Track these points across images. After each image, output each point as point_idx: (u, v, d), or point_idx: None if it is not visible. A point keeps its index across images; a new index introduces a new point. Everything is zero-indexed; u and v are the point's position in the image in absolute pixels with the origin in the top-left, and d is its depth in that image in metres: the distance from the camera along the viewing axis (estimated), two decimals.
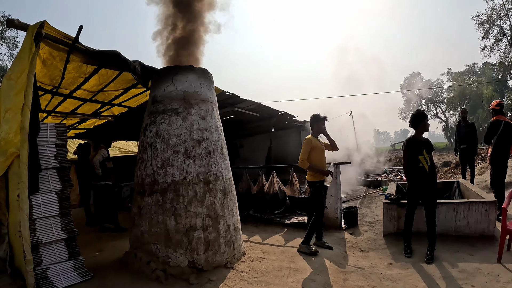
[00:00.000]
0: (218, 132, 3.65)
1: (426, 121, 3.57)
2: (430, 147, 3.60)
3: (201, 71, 3.69)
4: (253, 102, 6.49)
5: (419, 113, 3.62)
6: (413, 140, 3.63)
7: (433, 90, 33.47)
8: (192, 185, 3.31)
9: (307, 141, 3.77)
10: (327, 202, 4.71)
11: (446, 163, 13.80)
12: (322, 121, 3.88)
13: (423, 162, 3.50)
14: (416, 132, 3.64)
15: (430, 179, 3.52)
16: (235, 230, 3.60)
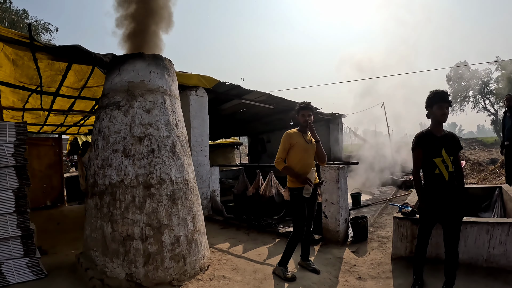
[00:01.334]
0: (170, 127, 3.22)
1: (442, 105, 2.49)
2: (455, 146, 2.57)
3: (152, 57, 3.30)
4: (262, 93, 5.98)
5: (432, 94, 2.57)
6: (426, 136, 2.60)
7: (480, 81, 31.25)
8: (130, 188, 2.98)
9: (284, 137, 3.10)
10: (328, 211, 3.95)
11: (493, 161, 11.85)
12: (303, 111, 3.09)
13: (441, 168, 2.50)
14: (431, 124, 2.62)
15: (451, 192, 2.50)
16: (188, 243, 3.14)
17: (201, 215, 3.44)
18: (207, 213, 5.31)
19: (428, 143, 2.56)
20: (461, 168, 2.60)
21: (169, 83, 3.36)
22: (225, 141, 13.45)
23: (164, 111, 3.22)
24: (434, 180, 2.53)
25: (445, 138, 2.56)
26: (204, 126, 5.26)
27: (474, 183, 7.94)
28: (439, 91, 2.53)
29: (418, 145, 2.59)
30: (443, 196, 2.51)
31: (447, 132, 2.61)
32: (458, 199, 2.53)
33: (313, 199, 3.14)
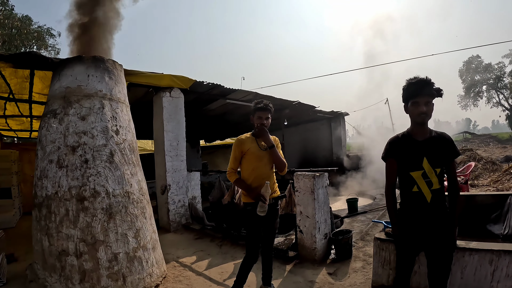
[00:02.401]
0: (108, 134, 3.05)
1: (417, 100, 1.85)
2: (444, 154, 1.89)
3: (92, 60, 3.16)
4: (247, 92, 5.73)
5: (406, 84, 1.94)
6: (402, 141, 1.97)
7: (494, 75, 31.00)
8: (63, 201, 2.88)
9: (235, 143, 2.71)
10: (303, 226, 3.58)
11: (508, 158, 10.68)
12: (260, 113, 2.66)
13: (421, 184, 1.87)
14: (410, 124, 1.98)
15: (435, 217, 1.88)
16: (128, 261, 2.97)
17: (150, 230, 3.25)
18: (185, 221, 5.14)
19: (403, 151, 1.93)
20: (455, 183, 1.91)
21: (110, 86, 3.19)
22: (224, 142, 13.31)
23: (102, 117, 3.06)
24: (411, 201, 1.92)
25: (429, 144, 1.89)
26: (180, 129, 5.07)
27: (487, 184, 7.14)
28: (414, 81, 1.88)
29: (390, 154, 1.98)
30: (423, 223, 1.89)
31: (435, 134, 1.93)
32: (447, 226, 1.88)
33: (272, 215, 2.69)
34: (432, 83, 1.85)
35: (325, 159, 9.04)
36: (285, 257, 3.66)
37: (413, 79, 1.88)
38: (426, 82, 1.84)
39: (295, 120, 8.51)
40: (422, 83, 1.85)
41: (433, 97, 1.87)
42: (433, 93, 1.85)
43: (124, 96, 3.35)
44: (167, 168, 4.90)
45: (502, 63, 32.47)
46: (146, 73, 4.59)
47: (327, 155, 8.86)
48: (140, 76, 4.54)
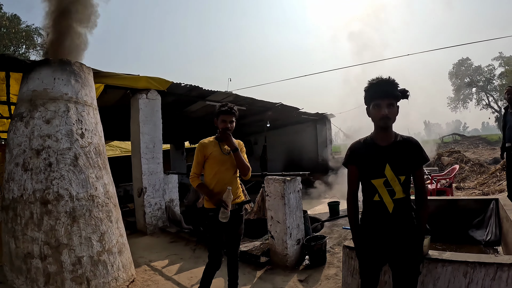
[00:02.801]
0: (73, 137, 3.08)
1: (379, 102, 1.71)
2: (410, 160, 1.75)
3: (59, 63, 3.21)
4: (227, 93, 5.81)
5: (367, 86, 1.78)
6: (364, 146, 1.85)
7: (484, 77, 32.26)
8: (28, 204, 2.93)
9: (197, 147, 2.70)
10: (274, 231, 3.58)
11: (496, 160, 10.80)
12: (224, 116, 2.63)
13: (383, 193, 1.75)
14: (374, 129, 1.84)
15: (398, 230, 1.75)
16: (92, 264, 3.00)
17: (116, 234, 3.27)
18: (162, 224, 5.17)
19: (365, 157, 1.81)
20: (423, 193, 1.78)
21: (76, 89, 3.22)
22: None
23: (67, 121, 3.09)
24: (372, 211, 1.80)
25: (392, 149, 1.75)
26: (156, 132, 5.10)
27: (473, 187, 7.25)
28: (375, 81, 1.73)
29: (350, 161, 1.86)
30: (384, 235, 1.76)
31: (401, 139, 1.79)
32: (412, 238, 1.73)
33: (235, 222, 2.66)
34: (396, 84, 1.70)
35: (311, 161, 9.13)
36: (256, 262, 3.65)
37: (375, 79, 1.73)
38: (388, 83, 1.69)
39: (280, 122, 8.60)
40: (384, 83, 1.69)
41: (397, 99, 1.71)
42: (396, 94, 1.69)
43: (91, 99, 3.38)
44: (143, 170, 4.93)
45: (491, 65, 33.35)
46: (122, 75, 4.61)
47: (312, 157, 8.96)
48: (115, 78, 4.57)
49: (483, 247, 3.79)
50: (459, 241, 4.04)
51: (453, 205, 4.47)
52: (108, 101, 5.68)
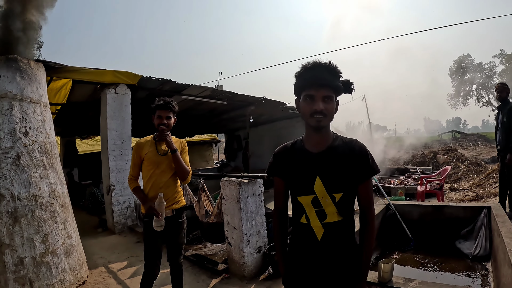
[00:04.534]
0: (15, 136, 3.12)
1: (312, 92, 1.32)
2: (350, 171, 1.37)
3: (5, 60, 3.24)
4: (204, 87, 5.78)
5: (298, 71, 1.37)
6: (290, 152, 1.49)
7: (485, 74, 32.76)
8: None
9: (134, 148, 2.64)
10: (231, 237, 3.50)
11: (495, 159, 10.51)
12: (160, 112, 2.53)
13: (310, 214, 1.39)
14: (306, 129, 1.46)
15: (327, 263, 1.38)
16: (35, 266, 3.06)
17: (62, 235, 3.31)
18: (131, 223, 5.23)
19: (290, 167, 1.45)
20: (368, 216, 1.43)
21: (21, 86, 3.25)
22: (200, 138, 13.41)
23: (10, 119, 3.12)
24: (299, 235, 1.45)
25: (326, 157, 1.38)
26: (125, 127, 5.12)
27: (467, 188, 7.07)
28: (310, 65, 1.34)
29: (273, 171, 1.52)
30: (311, 268, 1.40)
31: (340, 143, 1.41)
32: (347, 278, 1.38)
33: (173, 229, 2.58)
34: (338, 71, 1.35)
35: None
36: (213, 270, 3.62)
37: (310, 63, 1.33)
38: (328, 69, 1.33)
39: (267, 118, 8.57)
40: (321, 69, 1.32)
41: (337, 92, 1.35)
42: (336, 85, 1.33)
43: (38, 96, 3.40)
44: (110, 167, 4.97)
45: (492, 62, 33.86)
46: (87, 69, 4.63)
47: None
48: (81, 72, 4.59)
49: (471, 262, 3.63)
50: (445, 253, 3.92)
51: (440, 212, 4.38)
52: (81, 96, 5.75)
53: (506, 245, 2.79)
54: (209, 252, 4.07)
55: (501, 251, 2.98)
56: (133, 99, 5.34)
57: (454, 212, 4.27)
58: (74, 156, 9.23)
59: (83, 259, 3.65)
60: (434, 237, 4.23)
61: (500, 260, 2.95)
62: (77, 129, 8.76)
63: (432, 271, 3.62)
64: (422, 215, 4.47)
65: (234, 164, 12.46)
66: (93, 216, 6.39)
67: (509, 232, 3.12)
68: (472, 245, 3.82)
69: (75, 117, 7.02)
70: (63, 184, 3.53)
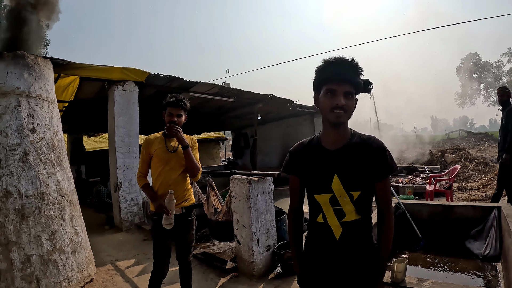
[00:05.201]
0: (23, 133, 3.12)
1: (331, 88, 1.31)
2: (368, 169, 1.35)
3: (12, 56, 3.24)
4: (212, 85, 5.77)
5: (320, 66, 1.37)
6: (307, 150, 1.48)
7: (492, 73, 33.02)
8: None
9: (143, 144, 2.64)
10: (240, 236, 3.48)
11: None
12: (171, 109, 2.51)
13: (328, 213, 1.38)
14: (323, 125, 1.45)
15: (345, 262, 1.37)
16: (42, 264, 3.07)
17: (69, 232, 3.32)
18: (138, 221, 5.24)
19: (307, 165, 1.43)
20: (387, 215, 1.40)
21: (29, 83, 3.25)
22: (207, 136, 13.46)
23: (17, 116, 3.13)
24: (316, 234, 1.45)
25: (344, 154, 1.37)
26: (133, 125, 5.13)
27: (475, 188, 6.99)
28: (334, 60, 1.33)
29: (290, 169, 1.53)
30: (328, 267, 1.40)
31: (358, 140, 1.40)
32: (366, 277, 1.37)
33: (182, 228, 2.57)
34: (360, 69, 1.34)
35: None
36: (222, 268, 3.62)
37: (333, 58, 1.33)
38: (352, 65, 1.32)
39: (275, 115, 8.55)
40: (345, 65, 1.31)
41: (358, 89, 1.35)
42: (357, 82, 1.33)
43: (46, 92, 3.40)
44: (118, 165, 4.99)
45: (500, 61, 34.24)
46: (95, 66, 4.64)
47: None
48: (88, 69, 4.60)
49: (481, 263, 3.62)
50: (455, 252, 3.92)
51: (449, 211, 4.36)
52: (89, 93, 5.78)
53: None
54: (217, 250, 4.06)
55: (511, 251, 2.98)
56: (141, 96, 5.35)
57: (464, 212, 4.26)
58: (81, 153, 9.33)
59: (91, 256, 3.66)
60: (444, 237, 4.23)
61: (510, 261, 2.95)
62: (85, 126, 8.84)
63: (443, 271, 3.63)
64: (432, 215, 4.47)
65: (241, 162, 12.52)
66: (100, 214, 6.44)
67: None
68: (482, 245, 3.81)
69: (82, 114, 7.08)
70: (70, 181, 3.54)
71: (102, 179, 7.24)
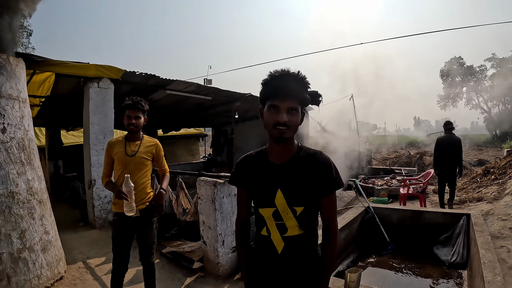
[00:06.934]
0: None
1: (274, 103, 1.31)
2: (312, 185, 1.38)
3: None
4: (188, 83, 5.93)
5: (265, 79, 1.36)
6: (252, 162, 1.51)
7: (475, 77, 34.65)
8: None
9: (106, 147, 2.81)
10: (206, 237, 3.65)
11: (481, 162, 11.07)
12: (129, 111, 2.67)
13: (271, 227, 1.42)
14: (269, 141, 1.46)
15: (287, 276, 1.43)
16: (13, 261, 3.21)
17: (39, 231, 3.46)
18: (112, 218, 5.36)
19: (252, 177, 1.47)
20: (330, 231, 1.43)
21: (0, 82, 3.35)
22: (187, 132, 13.59)
23: None
24: (260, 247, 1.49)
25: (288, 169, 1.39)
26: (107, 122, 5.24)
27: None
28: (278, 74, 1.32)
29: (236, 181, 1.55)
30: (271, 280, 1.45)
31: (304, 155, 1.42)
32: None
33: (142, 228, 2.74)
34: (306, 83, 1.34)
35: None
36: (189, 268, 3.78)
37: (278, 71, 1.32)
38: (296, 79, 1.31)
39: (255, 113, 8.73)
40: (289, 79, 1.30)
41: (303, 103, 1.34)
42: (303, 97, 1.32)
43: (17, 92, 3.50)
44: (92, 162, 5.10)
45: (483, 66, 35.35)
46: (70, 63, 4.73)
47: None
48: (63, 66, 4.68)
49: (447, 270, 3.72)
50: (422, 258, 4.03)
51: (419, 217, 4.52)
52: (65, 88, 5.84)
53: (481, 256, 2.89)
54: (188, 249, 4.23)
55: (476, 261, 3.07)
56: (118, 94, 5.44)
57: (434, 218, 4.43)
58: (59, 148, 9.34)
59: (61, 254, 3.81)
60: (413, 242, 4.37)
61: (475, 271, 3.05)
62: (63, 121, 8.84)
63: (408, 276, 3.74)
64: (402, 219, 4.62)
65: (220, 159, 12.74)
66: (76, 210, 6.54)
67: (485, 242, 3.24)
68: (449, 252, 3.92)
69: (59, 109, 7.11)
70: (41, 180, 3.67)
71: (78, 174, 7.33)
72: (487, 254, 2.94)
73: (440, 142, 6.18)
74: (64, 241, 4.43)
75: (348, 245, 4.29)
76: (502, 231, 4.35)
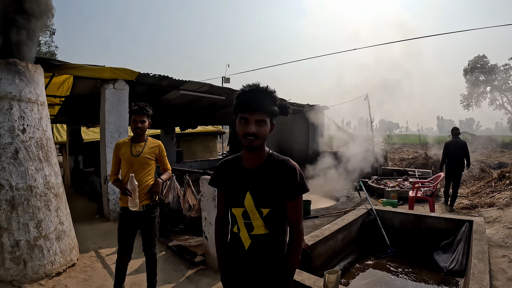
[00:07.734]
0: (14, 133, 3.65)
1: (243, 116, 1.48)
2: (278, 189, 1.55)
3: (5, 64, 3.72)
4: (201, 83, 6.21)
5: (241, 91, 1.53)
6: (229, 166, 1.71)
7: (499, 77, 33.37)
8: None
9: (114, 148, 3.15)
10: (207, 232, 3.94)
11: (501, 165, 10.68)
12: (135, 116, 2.96)
13: (240, 225, 1.61)
14: (243, 148, 1.66)
15: (252, 271, 1.62)
16: (29, 248, 3.63)
17: (54, 221, 3.86)
18: None
19: (227, 180, 1.67)
20: (295, 233, 1.60)
21: (20, 87, 3.76)
22: (205, 129, 13.89)
23: (9, 118, 3.65)
24: (231, 242, 1.71)
25: (257, 174, 1.57)
26: (122, 121, 5.63)
27: (464, 195, 7.14)
28: (247, 89, 1.49)
29: (214, 182, 1.76)
30: (238, 274, 1.66)
31: (273, 161, 1.59)
32: (273, 284, 1.61)
33: (145, 223, 3.06)
34: (274, 96, 1.50)
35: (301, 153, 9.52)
36: (191, 261, 4.07)
37: (248, 86, 1.50)
38: (264, 94, 1.48)
39: None
40: (257, 94, 1.46)
41: (271, 115, 1.50)
42: (271, 110, 1.47)
43: (36, 96, 3.90)
44: (107, 159, 5.51)
45: (508, 65, 33.84)
46: (87, 66, 5.13)
47: (302, 149, 9.26)
48: (81, 69, 5.10)
49: (444, 276, 3.71)
50: (421, 263, 4.06)
51: (421, 222, 4.54)
52: (83, 89, 6.31)
53: (472, 266, 2.89)
54: (194, 244, 4.54)
55: (471, 269, 3.02)
56: (133, 94, 5.84)
57: (436, 223, 4.42)
58: (79, 144, 9.99)
59: (74, 243, 4.21)
60: (413, 246, 4.39)
61: (466, 281, 3.05)
62: (82, 118, 9.45)
63: (403, 280, 3.79)
64: (404, 223, 4.65)
65: None
66: (93, 203, 7.04)
67: (480, 252, 3.21)
68: (449, 258, 3.91)
69: (79, 108, 7.64)
70: (57, 176, 4.08)
71: (96, 169, 7.85)
72: (479, 265, 2.92)
73: (447, 144, 6.87)
74: (80, 231, 4.86)
75: (346, 246, 4.40)
76: (507, 239, 4.32)
